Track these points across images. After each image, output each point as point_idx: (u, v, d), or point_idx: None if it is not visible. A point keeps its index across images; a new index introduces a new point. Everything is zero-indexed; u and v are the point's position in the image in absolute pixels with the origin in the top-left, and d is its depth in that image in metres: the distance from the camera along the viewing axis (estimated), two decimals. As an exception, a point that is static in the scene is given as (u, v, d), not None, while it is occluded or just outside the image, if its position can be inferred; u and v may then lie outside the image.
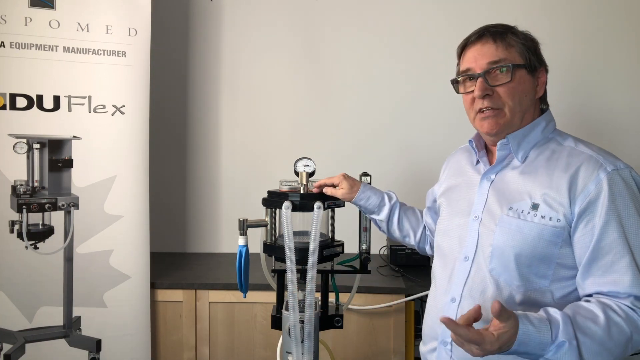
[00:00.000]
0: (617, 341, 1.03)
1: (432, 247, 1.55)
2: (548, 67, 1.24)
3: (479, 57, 1.20)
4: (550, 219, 1.11)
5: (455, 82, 1.26)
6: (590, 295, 1.10)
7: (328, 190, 1.47)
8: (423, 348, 1.34)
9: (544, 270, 1.12)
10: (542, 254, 1.12)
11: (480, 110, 1.20)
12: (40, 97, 1.92)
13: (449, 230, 1.31)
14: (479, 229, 1.21)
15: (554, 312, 1.04)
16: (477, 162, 1.32)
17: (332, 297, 1.54)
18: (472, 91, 1.20)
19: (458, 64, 1.28)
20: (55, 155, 1.94)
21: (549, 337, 1.00)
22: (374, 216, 1.53)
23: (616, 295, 1.06)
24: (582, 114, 2.44)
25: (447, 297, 1.24)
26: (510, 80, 1.17)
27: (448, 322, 0.99)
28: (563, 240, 1.11)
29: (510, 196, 1.18)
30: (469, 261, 1.21)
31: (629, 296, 1.05)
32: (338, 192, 1.47)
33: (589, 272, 1.09)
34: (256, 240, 1.50)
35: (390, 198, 1.54)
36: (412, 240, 1.58)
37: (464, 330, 0.98)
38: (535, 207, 1.13)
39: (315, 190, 1.47)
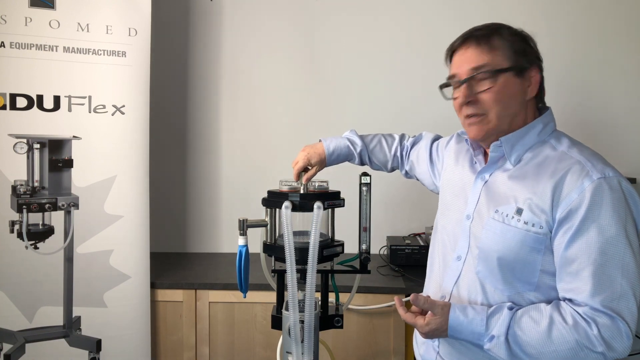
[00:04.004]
0: (560, 346, 1.05)
1: (407, 173, 1.66)
2: (543, 64, 1.20)
3: (463, 63, 1.17)
4: (533, 225, 1.10)
5: (445, 87, 1.25)
6: (564, 300, 1.11)
7: (307, 176, 1.52)
8: (416, 341, 1.41)
9: (528, 276, 1.12)
10: (525, 260, 1.12)
11: (467, 116, 1.19)
12: (40, 97, 1.92)
13: (445, 227, 1.32)
14: (470, 229, 1.22)
15: (502, 309, 1.11)
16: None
17: (332, 297, 1.54)
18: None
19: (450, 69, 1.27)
20: (55, 155, 1.94)
21: (482, 329, 1.10)
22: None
23: (577, 303, 1.07)
24: (580, 113, 2.44)
25: (439, 294, 1.28)
26: (494, 86, 1.14)
27: (398, 305, 1.22)
28: (545, 247, 1.10)
29: (498, 198, 1.17)
30: (461, 261, 1.23)
31: (585, 306, 1.05)
32: (314, 171, 1.53)
33: (560, 278, 1.10)
34: (256, 240, 1.50)
35: (354, 146, 1.59)
36: (385, 171, 1.68)
37: (402, 311, 1.20)
38: (519, 212, 1.12)
39: (304, 180, 1.50)
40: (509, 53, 1.15)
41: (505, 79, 1.14)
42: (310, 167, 1.54)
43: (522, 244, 1.11)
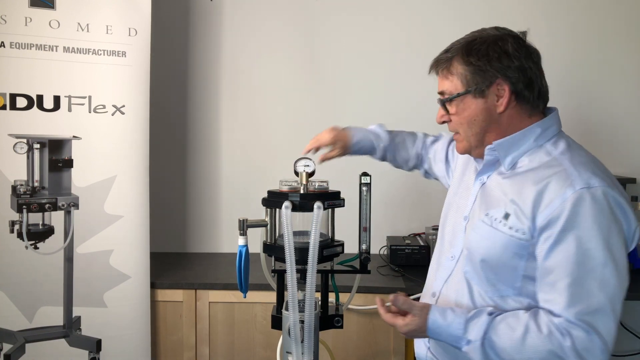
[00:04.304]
0: (533, 354, 1.05)
1: (426, 172, 1.66)
2: (543, 64, 1.19)
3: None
4: (517, 231, 1.10)
5: None
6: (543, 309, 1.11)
7: (327, 156, 1.53)
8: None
9: (511, 280, 1.13)
10: (508, 265, 1.12)
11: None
12: (40, 97, 1.92)
13: (446, 226, 1.34)
14: (465, 230, 1.23)
15: (482, 314, 1.11)
16: None
17: (332, 297, 1.54)
18: None
19: None
20: (55, 155, 1.94)
21: (460, 333, 1.11)
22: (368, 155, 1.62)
23: (554, 314, 1.06)
24: (580, 113, 2.44)
25: (430, 291, 1.30)
26: (454, 111, 1.20)
27: (379, 305, 1.22)
28: (529, 253, 1.10)
29: (490, 201, 1.18)
30: (454, 261, 1.24)
31: (561, 317, 1.04)
32: (334, 154, 1.54)
33: (539, 288, 1.10)
34: (256, 240, 1.50)
35: (379, 141, 1.58)
36: (405, 169, 1.68)
37: (382, 311, 1.21)
38: (506, 216, 1.12)
39: (320, 159, 1.51)
40: (465, 77, 1.17)
41: (464, 103, 1.18)
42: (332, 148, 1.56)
43: (505, 248, 1.11)
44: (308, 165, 1.48)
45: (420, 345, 1.34)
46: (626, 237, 1.07)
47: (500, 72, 1.14)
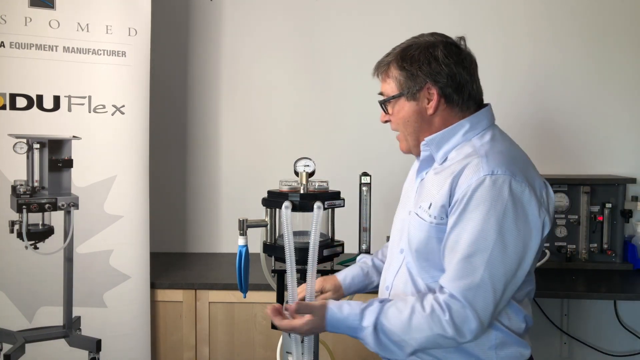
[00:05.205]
0: (417, 333, 1.11)
1: None
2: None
3: None
4: (435, 217, 1.17)
5: None
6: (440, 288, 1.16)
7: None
8: None
9: (440, 264, 1.18)
10: (435, 250, 1.18)
11: None
12: (40, 97, 1.92)
13: (395, 223, 1.40)
14: (409, 224, 1.28)
15: (374, 302, 1.17)
16: None
17: (332, 297, 1.54)
18: None
19: None
20: (55, 155, 1.94)
21: (356, 323, 1.16)
22: (369, 289, 1.53)
23: (442, 291, 1.13)
24: (580, 113, 2.44)
25: (384, 284, 1.34)
26: (391, 112, 1.29)
27: (273, 315, 1.23)
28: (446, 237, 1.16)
29: (423, 195, 1.25)
30: (403, 254, 1.28)
31: (446, 293, 1.12)
32: (327, 296, 1.46)
33: (444, 265, 1.16)
34: (256, 240, 1.50)
35: (376, 269, 1.52)
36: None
37: (278, 320, 1.22)
38: (430, 206, 1.19)
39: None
40: (399, 81, 1.25)
41: (398, 104, 1.27)
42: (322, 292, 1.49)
43: (430, 234, 1.18)
44: (308, 165, 1.49)
45: None
46: (532, 227, 1.12)
47: (430, 77, 1.22)
